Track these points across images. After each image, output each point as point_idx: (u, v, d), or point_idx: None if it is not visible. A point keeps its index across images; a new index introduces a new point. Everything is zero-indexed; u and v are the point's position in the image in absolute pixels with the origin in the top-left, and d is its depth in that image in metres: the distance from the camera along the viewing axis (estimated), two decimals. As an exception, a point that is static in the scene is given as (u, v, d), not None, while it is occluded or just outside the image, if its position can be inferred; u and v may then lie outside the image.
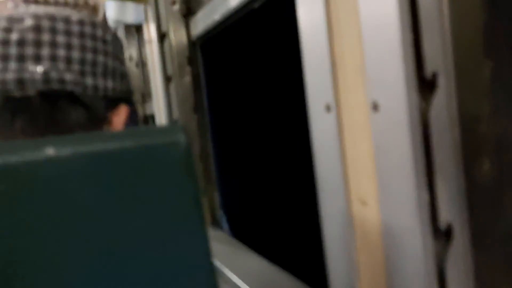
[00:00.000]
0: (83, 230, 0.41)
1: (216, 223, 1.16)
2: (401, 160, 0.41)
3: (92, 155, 0.42)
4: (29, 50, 0.50)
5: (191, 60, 1.11)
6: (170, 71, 1.10)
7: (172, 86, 1.10)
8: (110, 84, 0.56)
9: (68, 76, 0.51)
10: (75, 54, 0.52)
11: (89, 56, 0.54)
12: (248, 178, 1.20)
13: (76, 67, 0.52)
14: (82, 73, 0.53)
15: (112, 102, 0.57)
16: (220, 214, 1.15)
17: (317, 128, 0.53)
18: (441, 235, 0.42)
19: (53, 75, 0.50)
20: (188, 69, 1.11)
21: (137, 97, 1.52)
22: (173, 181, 0.45)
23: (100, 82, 0.55)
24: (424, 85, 0.41)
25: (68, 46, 0.52)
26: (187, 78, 1.10)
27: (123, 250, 0.43)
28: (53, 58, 0.51)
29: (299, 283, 0.81)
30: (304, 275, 0.82)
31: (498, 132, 0.43)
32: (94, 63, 0.54)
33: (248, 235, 1.10)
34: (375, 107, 0.44)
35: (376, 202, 0.46)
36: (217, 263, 0.92)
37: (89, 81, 0.53)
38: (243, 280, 0.84)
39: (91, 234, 0.42)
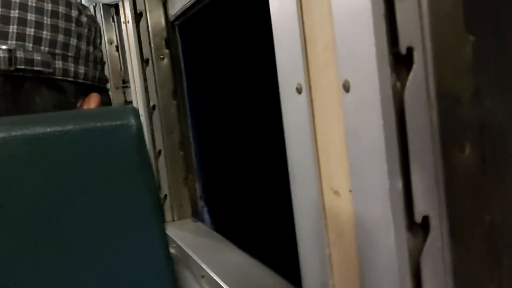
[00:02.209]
0: (22, 221, 0.37)
1: (197, 215, 1.12)
2: (373, 145, 0.37)
3: (27, 139, 0.38)
4: None
5: (169, 42, 1.06)
6: (147, 53, 1.05)
7: (149, 69, 1.05)
8: (81, 69, 0.52)
9: (36, 57, 0.47)
10: (46, 34, 0.48)
11: (60, 37, 0.49)
12: (231, 167, 1.16)
13: (45, 48, 0.48)
14: (52, 55, 0.49)
15: (83, 89, 0.53)
16: (201, 205, 1.11)
17: (288, 111, 0.49)
18: (417, 228, 0.38)
19: (19, 54, 0.46)
20: (166, 51, 1.06)
21: (117, 82, 1.46)
22: (124, 167, 0.41)
23: (71, 67, 0.51)
24: (398, 61, 0.37)
25: (39, 25, 0.48)
26: (165, 61, 1.06)
27: (69, 242, 0.39)
28: (21, 37, 0.47)
29: (279, 277, 0.77)
30: (284, 269, 0.79)
31: (481, 115, 0.39)
32: (65, 46, 0.50)
33: (230, 226, 1.07)
34: (346, 87, 0.39)
35: (348, 192, 0.42)
36: (196, 257, 0.89)
37: (59, 64, 0.49)
38: (221, 274, 0.80)
39: (31, 225, 0.38)
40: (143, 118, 1.07)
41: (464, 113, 0.38)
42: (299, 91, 0.46)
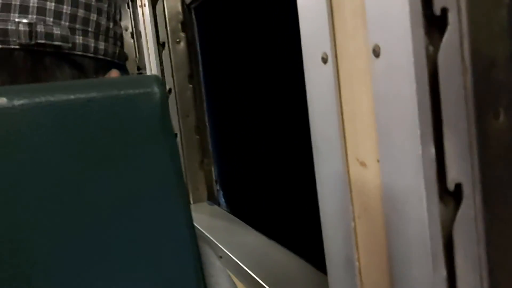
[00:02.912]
0: (46, 188, 0.37)
1: (212, 198, 1.12)
2: (405, 111, 0.36)
3: (50, 106, 0.37)
4: (16, 0, 0.46)
5: (185, 25, 1.06)
6: (163, 37, 1.04)
7: (165, 53, 1.05)
8: (101, 45, 0.51)
9: (56, 31, 0.47)
10: (66, 9, 0.48)
11: (80, 12, 0.49)
12: (246, 150, 1.15)
13: (65, 23, 0.48)
14: (72, 30, 0.48)
15: (103, 66, 0.53)
16: (217, 188, 1.11)
17: (312, 82, 0.48)
18: (449, 196, 0.37)
19: (40, 28, 0.46)
20: (182, 35, 1.05)
21: (132, 69, 1.46)
22: (147, 135, 0.40)
23: (91, 42, 0.50)
24: (432, 23, 0.35)
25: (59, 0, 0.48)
26: (181, 45, 1.05)
27: (92, 209, 0.38)
28: (41, 11, 0.46)
29: (296, 257, 0.76)
30: (302, 250, 0.78)
31: (517, 79, 0.37)
32: (85, 21, 0.50)
33: (245, 209, 1.06)
34: (376, 52, 0.38)
35: (376, 162, 0.41)
36: (213, 238, 0.88)
37: (79, 39, 0.49)
38: (239, 255, 0.80)
39: (55, 192, 0.38)
40: (159, 102, 1.07)
41: (499, 77, 0.37)
42: (324, 60, 0.45)
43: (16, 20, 0.45)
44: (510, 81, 0.37)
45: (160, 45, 1.04)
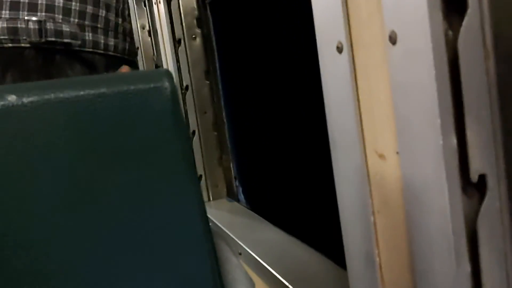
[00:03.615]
0: (58, 184, 0.37)
1: (232, 195, 1.11)
2: (424, 100, 0.35)
3: (60, 102, 0.37)
4: None
5: (200, 21, 1.05)
6: (179, 33, 1.04)
7: (182, 49, 1.04)
8: (111, 41, 0.51)
9: (65, 29, 0.47)
10: (75, 6, 0.48)
11: (89, 8, 0.49)
12: (265, 146, 1.14)
13: (74, 19, 0.48)
14: (81, 27, 0.48)
15: (114, 62, 0.52)
16: (236, 185, 1.10)
17: (327, 73, 0.46)
18: (472, 188, 0.35)
19: (49, 26, 0.46)
20: (197, 31, 1.05)
21: (150, 67, 1.46)
22: (158, 130, 0.39)
23: (101, 38, 0.50)
24: (451, 6, 0.33)
25: None
26: (197, 41, 1.04)
27: (105, 203, 0.38)
28: (50, 8, 0.46)
29: (316, 253, 0.75)
30: (322, 245, 0.77)
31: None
32: (94, 17, 0.50)
33: (265, 206, 1.05)
34: (392, 38, 0.37)
35: (395, 154, 0.40)
36: (233, 234, 0.88)
37: (88, 36, 0.49)
38: (258, 251, 0.79)
39: (67, 188, 0.37)
40: (176, 99, 1.06)
41: (525, 62, 0.35)
42: (339, 50, 0.43)
43: (26, 18, 0.45)
44: (536, 66, 0.35)
45: (176, 42, 1.04)
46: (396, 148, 0.39)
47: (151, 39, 1.48)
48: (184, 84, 1.04)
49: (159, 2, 1.05)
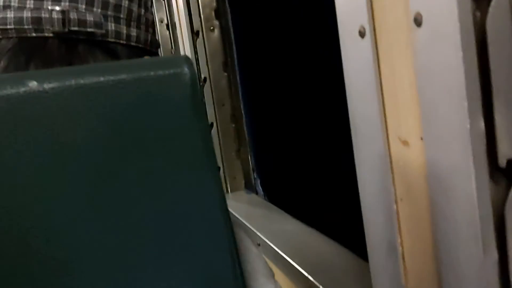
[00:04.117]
0: (77, 172, 0.36)
1: (250, 187, 1.11)
2: (451, 82, 0.34)
3: (80, 88, 0.37)
4: None
5: (218, 13, 1.04)
6: (197, 25, 1.03)
7: (200, 41, 1.04)
8: (133, 32, 0.51)
9: (88, 18, 0.47)
10: None
11: None
12: (283, 138, 1.13)
13: (98, 9, 0.48)
14: (104, 17, 0.48)
15: (136, 53, 0.52)
16: (254, 177, 1.10)
17: (349, 58, 0.45)
18: (500, 174, 0.34)
19: (73, 15, 0.46)
20: (215, 22, 1.04)
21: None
22: (178, 117, 0.39)
23: (123, 29, 0.50)
24: (480, -15, 0.32)
25: None
26: (215, 33, 1.04)
27: (124, 193, 0.38)
28: None
29: (336, 244, 0.74)
30: (342, 236, 0.76)
31: None
32: (117, 7, 0.50)
33: (283, 198, 1.05)
34: (418, 20, 0.36)
35: (419, 140, 0.39)
36: (251, 226, 0.87)
37: (111, 26, 0.49)
38: (277, 242, 0.78)
39: (86, 175, 0.37)
40: (194, 90, 1.06)
41: (557, 43, 0.33)
42: (362, 34, 0.43)
43: (50, 7, 0.46)
44: None
45: (194, 34, 1.04)
46: (421, 134, 0.38)
47: (169, 32, 1.48)
48: (202, 76, 1.04)
49: (178, -5, 1.05)
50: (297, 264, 0.69)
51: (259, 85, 1.09)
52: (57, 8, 0.46)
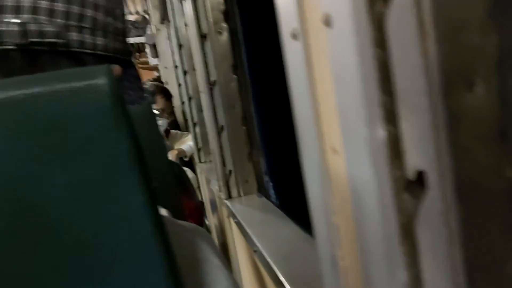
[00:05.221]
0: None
1: (262, 190, 1.09)
2: (351, 89, 0.31)
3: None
4: (9, 0, 0.48)
5: (227, 15, 1.04)
6: (205, 28, 1.03)
7: (208, 45, 1.04)
8: (100, 40, 0.51)
9: (48, 29, 0.48)
10: (59, 6, 0.49)
11: (75, 8, 0.49)
12: (295, 141, 1.10)
13: (59, 20, 0.49)
14: (66, 27, 0.49)
15: (105, 62, 0.53)
16: (266, 180, 1.08)
17: (288, 62, 0.43)
18: (412, 187, 0.31)
19: (32, 27, 0.47)
20: (224, 25, 1.04)
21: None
22: (94, 129, 0.39)
23: (88, 38, 0.51)
24: (377, -20, 0.29)
25: None
26: (224, 35, 1.03)
27: (44, 211, 0.38)
28: (34, 10, 0.48)
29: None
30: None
31: (499, 42, 0.30)
32: (81, 17, 0.50)
33: (295, 201, 1.02)
34: (327, 21, 0.33)
35: (342, 147, 0.36)
36: (253, 230, 0.86)
37: (73, 35, 0.49)
38: (269, 249, 0.77)
39: (5, 192, 0.38)
40: (203, 94, 1.07)
41: (474, 39, 0.30)
42: (294, 36, 0.40)
43: (8, 20, 0.47)
44: (489, 43, 0.30)
45: (202, 37, 1.04)
46: (342, 141, 0.35)
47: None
48: (212, 79, 1.04)
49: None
50: (281, 273, 0.67)
51: (270, 86, 1.07)
52: (16, 20, 0.47)
